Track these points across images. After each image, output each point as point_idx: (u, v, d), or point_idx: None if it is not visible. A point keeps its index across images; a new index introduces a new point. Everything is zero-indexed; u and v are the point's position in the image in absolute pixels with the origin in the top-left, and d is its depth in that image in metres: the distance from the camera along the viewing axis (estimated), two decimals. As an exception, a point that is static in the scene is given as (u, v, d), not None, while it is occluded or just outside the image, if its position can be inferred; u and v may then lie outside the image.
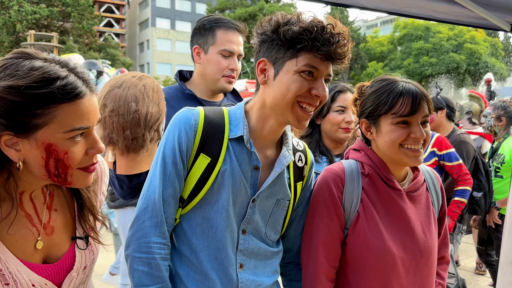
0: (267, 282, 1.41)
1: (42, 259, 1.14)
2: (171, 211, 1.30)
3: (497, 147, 4.06)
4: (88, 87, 1.03)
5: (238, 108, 1.39)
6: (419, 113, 1.41)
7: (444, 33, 32.37)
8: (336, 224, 1.46)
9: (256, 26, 1.32)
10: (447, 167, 3.20)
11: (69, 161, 1.02)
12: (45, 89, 0.94)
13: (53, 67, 0.99)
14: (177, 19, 53.49)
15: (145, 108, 1.66)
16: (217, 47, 2.00)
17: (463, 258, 5.54)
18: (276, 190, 1.39)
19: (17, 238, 1.07)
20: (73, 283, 1.19)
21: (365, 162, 1.52)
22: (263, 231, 1.40)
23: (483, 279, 4.84)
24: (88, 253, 1.22)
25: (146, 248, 1.24)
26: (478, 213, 3.64)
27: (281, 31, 1.23)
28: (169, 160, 1.29)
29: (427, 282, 1.50)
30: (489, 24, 2.20)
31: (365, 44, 37.37)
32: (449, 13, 2.14)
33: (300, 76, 1.25)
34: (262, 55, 1.31)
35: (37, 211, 1.13)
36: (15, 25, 30.86)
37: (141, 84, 1.70)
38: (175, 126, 1.31)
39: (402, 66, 33.12)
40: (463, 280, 3.30)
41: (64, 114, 0.98)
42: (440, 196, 1.63)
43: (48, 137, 0.98)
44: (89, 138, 1.06)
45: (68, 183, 1.07)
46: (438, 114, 3.69)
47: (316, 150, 2.26)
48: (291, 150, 1.41)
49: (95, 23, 35.24)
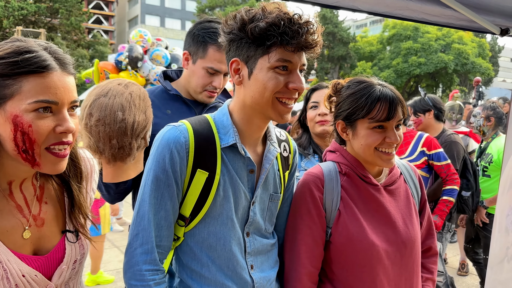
0: (273, 275, 1.43)
1: (33, 251, 1.15)
2: (164, 234, 1.28)
3: (485, 146, 4.12)
4: (60, 64, 1.06)
5: (223, 115, 1.36)
6: (394, 118, 1.46)
7: (433, 33, 32.68)
8: (317, 225, 1.49)
9: (221, 24, 1.30)
10: (435, 166, 3.26)
11: (34, 135, 1.02)
12: (13, 59, 1.00)
13: (30, 44, 1.05)
14: (166, 16, 53.13)
15: (131, 117, 1.63)
16: (205, 63, 1.97)
17: (451, 256, 5.62)
18: (268, 185, 1.41)
19: (8, 228, 1.09)
20: (63, 276, 1.19)
21: (341, 162, 1.57)
22: (263, 227, 1.42)
23: (471, 277, 4.92)
24: (78, 247, 1.23)
25: (140, 276, 1.24)
26: (466, 212, 3.70)
27: (248, 28, 1.21)
28: (160, 182, 1.25)
29: (412, 273, 1.54)
30: (480, 27, 2.24)
31: (354, 44, 37.55)
32: (441, 16, 2.17)
33: (275, 72, 1.23)
34: (233, 54, 1.28)
35: (28, 203, 1.15)
36: (2, 21, 30.36)
37: (127, 92, 1.66)
38: (164, 147, 1.26)
39: (391, 66, 33.35)
40: (452, 278, 3.36)
41: (29, 85, 1.01)
42: (418, 187, 1.67)
43: (14, 108, 1.01)
44: (58, 116, 1.06)
45: (37, 163, 1.06)
46: (426, 116, 3.73)
47: (309, 149, 2.35)
48: (276, 143, 1.42)
49: (83, 19, 34.80)
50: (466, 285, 4.72)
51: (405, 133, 3.36)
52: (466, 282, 4.80)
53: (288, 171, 1.52)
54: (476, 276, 4.62)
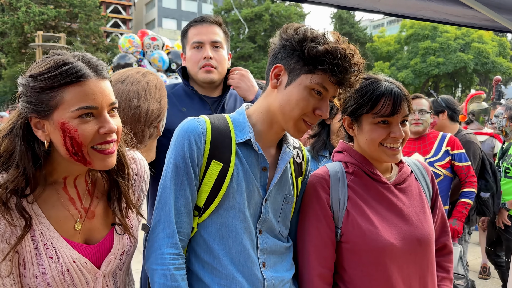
0: (288, 276, 1.44)
1: (84, 240, 1.26)
2: (184, 221, 1.32)
3: (508, 147, 4.05)
4: (94, 71, 1.15)
5: (239, 114, 1.44)
6: (399, 113, 1.47)
7: (452, 33, 32.13)
8: (325, 226, 1.49)
9: (282, 29, 1.37)
10: (456, 167, 3.24)
11: (80, 138, 1.13)
12: (52, 73, 1.10)
13: (66, 56, 1.14)
14: (183, 19, 53.54)
15: (146, 104, 1.67)
16: (189, 44, 2.10)
17: (471, 259, 5.53)
18: (282, 187, 1.45)
19: (61, 218, 1.21)
20: (110, 265, 1.28)
21: (348, 161, 1.58)
22: (276, 228, 1.44)
23: (492, 281, 4.83)
24: (125, 239, 1.32)
25: (161, 260, 1.27)
26: (486, 214, 3.64)
27: (306, 46, 1.28)
28: (180, 170, 1.32)
29: (427, 271, 1.52)
30: (502, 27, 2.21)
31: (371, 44, 37.23)
32: (463, 16, 2.15)
33: (310, 94, 1.31)
34: (280, 60, 1.35)
35: (80, 196, 1.26)
36: (23, 26, 31.08)
37: (144, 80, 1.70)
38: (183, 136, 1.34)
39: (409, 66, 32.93)
40: (473, 282, 3.30)
41: (70, 94, 1.11)
42: (430, 185, 1.67)
43: (61, 117, 1.12)
44: (99, 119, 1.16)
45: (88, 162, 1.17)
46: (439, 117, 3.71)
47: (322, 149, 2.34)
48: (291, 146, 1.47)
49: (102, 23, 35.41)
50: (488, 288, 4.63)
51: (428, 134, 3.35)
52: (487, 286, 4.72)
53: (301, 178, 1.55)
54: (498, 279, 4.53)
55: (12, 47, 32.19)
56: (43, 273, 1.16)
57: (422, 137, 3.34)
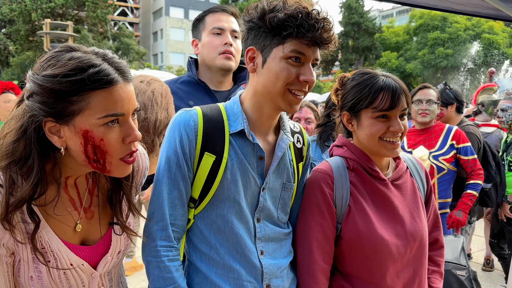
0: (285, 263, 1.45)
1: (81, 241, 1.21)
2: (178, 213, 1.33)
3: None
4: (121, 75, 1.06)
5: (234, 103, 1.42)
6: (398, 107, 1.47)
7: (462, 23, 31.71)
8: (328, 222, 1.50)
9: (243, 13, 1.35)
10: (462, 160, 3.21)
11: (106, 147, 1.06)
12: (79, 76, 0.99)
13: (89, 56, 1.03)
14: (190, 8, 53.39)
15: (154, 115, 1.67)
16: (207, 30, 2.06)
17: (475, 251, 5.52)
18: (280, 174, 1.44)
19: (60, 219, 1.15)
20: (107, 266, 1.26)
21: (348, 157, 1.58)
22: (275, 215, 1.44)
23: (496, 273, 4.83)
24: (123, 239, 1.29)
25: (155, 252, 1.29)
26: (488, 204, 3.63)
27: (267, 18, 1.26)
28: (173, 163, 1.31)
29: (421, 266, 1.55)
30: (506, 16, 2.17)
31: (380, 34, 36.86)
32: (467, 4, 2.12)
33: (287, 62, 1.27)
34: (250, 42, 1.34)
35: (80, 196, 1.20)
36: (31, 14, 31.14)
37: (149, 90, 1.69)
38: (175, 130, 1.33)
39: (417, 57, 32.60)
40: (475, 273, 3.30)
41: (97, 100, 1.02)
42: (424, 181, 1.68)
43: (84, 124, 1.03)
44: (124, 126, 1.09)
45: (107, 171, 1.11)
46: (448, 109, 3.69)
47: (328, 139, 2.34)
48: (289, 133, 1.45)
49: (109, 12, 35.36)
50: (491, 280, 4.63)
51: (434, 126, 3.31)
52: (491, 277, 4.71)
53: (302, 163, 1.54)
54: (502, 272, 4.52)
55: (20, 34, 32.31)
56: (39, 276, 1.12)
57: (427, 129, 3.30)
